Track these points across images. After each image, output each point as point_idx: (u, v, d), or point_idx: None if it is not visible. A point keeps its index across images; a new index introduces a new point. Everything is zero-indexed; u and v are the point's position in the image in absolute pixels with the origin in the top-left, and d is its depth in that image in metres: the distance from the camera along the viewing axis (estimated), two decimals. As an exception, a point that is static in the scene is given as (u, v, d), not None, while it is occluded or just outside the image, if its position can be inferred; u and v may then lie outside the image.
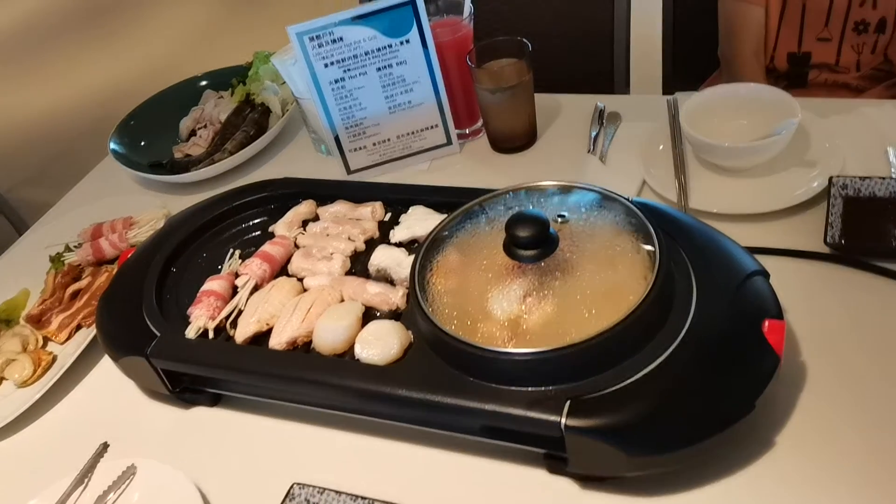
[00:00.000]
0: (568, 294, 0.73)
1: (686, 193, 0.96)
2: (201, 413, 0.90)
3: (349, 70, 1.08)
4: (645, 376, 0.67)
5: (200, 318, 0.85)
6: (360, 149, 1.15)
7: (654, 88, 1.66)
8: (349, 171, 1.17)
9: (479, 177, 1.14)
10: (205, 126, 1.36)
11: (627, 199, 0.79)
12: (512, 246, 0.75)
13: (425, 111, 1.13)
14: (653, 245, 0.74)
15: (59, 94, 3.75)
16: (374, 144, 1.15)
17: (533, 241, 0.74)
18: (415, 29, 1.05)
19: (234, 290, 0.90)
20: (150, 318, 0.88)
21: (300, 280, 0.89)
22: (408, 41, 1.06)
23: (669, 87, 1.65)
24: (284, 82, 1.33)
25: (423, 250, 0.81)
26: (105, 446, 0.86)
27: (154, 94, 1.41)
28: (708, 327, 0.70)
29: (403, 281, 0.85)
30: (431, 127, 1.15)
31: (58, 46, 4.11)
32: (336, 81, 1.08)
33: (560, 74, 1.60)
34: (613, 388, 0.67)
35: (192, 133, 1.37)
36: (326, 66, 1.07)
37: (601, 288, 0.73)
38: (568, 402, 0.66)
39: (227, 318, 0.87)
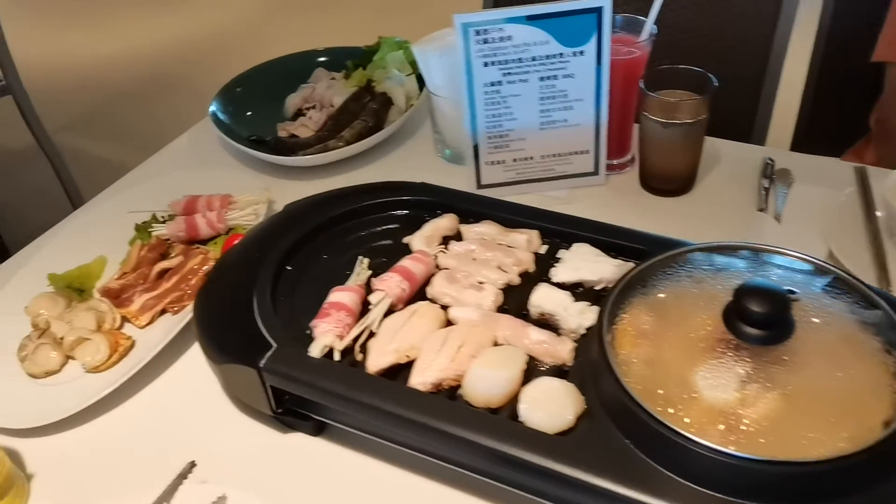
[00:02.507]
0: (799, 393, 0.60)
1: (888, 279, 0.83)
2: (299, 441, 0.77)
3: (509, 74, 0.95)
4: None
5: (327, 335, 0.72)
6: (498, 163, 1.03)
7: (783, 143, 1.54)
8: (479, 185, 1.05)
9: (623, 215, 1.00)
10: (314, 107, 1.24)
11: (875, 291, 0.65)
12: (737, 319, 0.62)
13: (579, 134, 1.00)
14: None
15: (113, 45, 3.65)
16: (514, 160, 1.03)
17: (768, 320, 0.61)
18: (594, 41, 0.93)
19: (363, 307, 0.78)
20: (265, 325, 0.75)
21: (443, 308, 0.76)
22: (582, 53, 0.94)
23: (799, 144, 1.53)
24: (411, 73, 1.22)
25: (612, 302, 0.68)
26: (192, 466, 0.73)
27: (264, 62, 1.28)
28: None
29: (571, 332, 0.72)
30: (581, 152, 1.02)
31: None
32: (492, 84, 0.96)
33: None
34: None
35: (299, 112, 1.25)
36: (486, 65, 0.94)
37: (840, 395, 0.60)
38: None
39: (355, 339, 0.74)
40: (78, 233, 1.03)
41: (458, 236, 0.86)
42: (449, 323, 0.75)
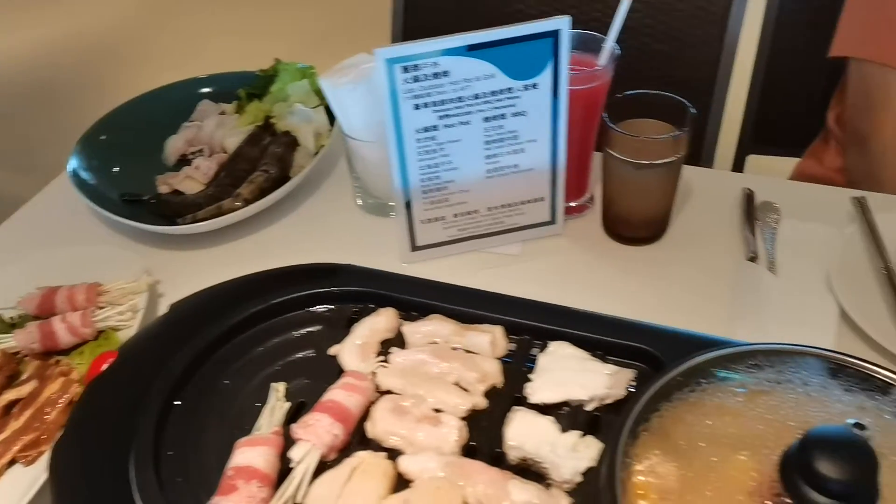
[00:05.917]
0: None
1: (921, 348, 0.70)
2: None
3: (447, 117, 0.76)
4: None
5: (236, 523, 0.52)
6: (436, 220, 0.84)
7: (727, 149, 1.42)
8: (413, 247, 0.85)
9: (589, 272, 0.85)
10: (201, 151, 1.01)
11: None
12: (801, 481, 0.46)
13: (533, 179, 0.83)
14: None
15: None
16: (456, 216, 0.84)
17: (850, 490, 0.45)
18: (549, 70, 0.75)
19: (282, 462, 0.58)
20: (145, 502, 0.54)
21: (390, 456, 0.57)
22: (535, 86, 0.76)
23: (744, 148, 1.41)
24: (319, 105, 1.01)
25: (623, 443, 0.51)
26: None
27: (132, 99, 1.04)
28: None
29: (565, 482, 0.55)
30: (535, 200, 0.85)
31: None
32: (426, 130, 0.77)
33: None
34: None
35: (183, 159, 1.02)
36: (417, 107, 0.75)
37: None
38: None
39: (276, 517, 0.54)
40: None
41: (399, 338, 0.67)
42: (402, 478, 0.56)
